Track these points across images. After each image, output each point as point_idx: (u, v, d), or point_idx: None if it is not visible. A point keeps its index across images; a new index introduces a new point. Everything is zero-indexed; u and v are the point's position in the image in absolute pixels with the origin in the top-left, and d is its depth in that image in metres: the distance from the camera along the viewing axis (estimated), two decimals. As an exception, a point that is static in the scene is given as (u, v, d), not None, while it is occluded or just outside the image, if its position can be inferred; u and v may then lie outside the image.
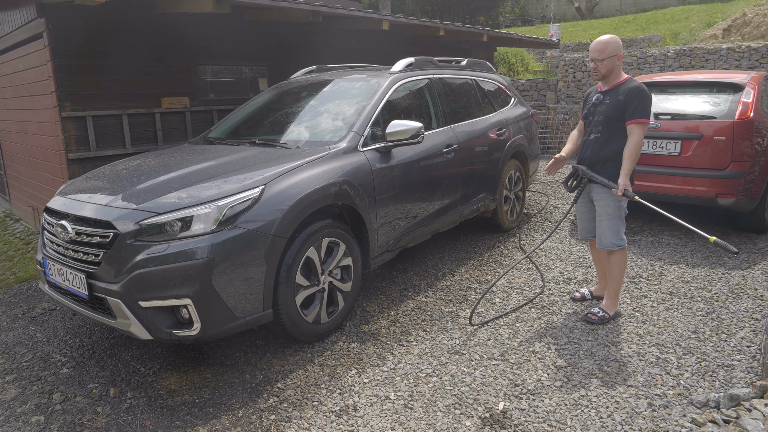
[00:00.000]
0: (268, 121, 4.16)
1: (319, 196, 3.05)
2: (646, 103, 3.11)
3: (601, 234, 3.37)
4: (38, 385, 2.96)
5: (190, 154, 3.55)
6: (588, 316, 3.41)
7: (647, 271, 4.24)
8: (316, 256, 3.10)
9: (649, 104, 3.13)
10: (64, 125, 4.88)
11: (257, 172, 2.96)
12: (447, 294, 3.91)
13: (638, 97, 3.11)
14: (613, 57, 3.20)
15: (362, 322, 3.49)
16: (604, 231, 3.34)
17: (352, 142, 3.46)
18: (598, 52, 3.21)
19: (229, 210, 2.69)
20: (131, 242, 2.62)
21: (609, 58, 3.20)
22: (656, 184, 5.03)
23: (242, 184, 2.82)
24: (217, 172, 3.01)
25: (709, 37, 12.00)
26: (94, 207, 2.84)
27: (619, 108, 3.18)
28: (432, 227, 4.21)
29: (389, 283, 4.16)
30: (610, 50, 3.19)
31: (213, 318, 2.66)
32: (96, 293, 2.72)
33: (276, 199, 2.85)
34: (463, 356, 3.02)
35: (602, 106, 3.28)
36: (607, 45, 3.19)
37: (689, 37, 12.82)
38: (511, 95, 5.78)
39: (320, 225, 3.11)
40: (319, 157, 3.23)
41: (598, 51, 3.21)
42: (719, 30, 12.09)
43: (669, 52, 9.64)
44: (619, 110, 3.18)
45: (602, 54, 3.20)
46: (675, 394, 2.62)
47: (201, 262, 2.58)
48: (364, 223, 3.42)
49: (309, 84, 4.42)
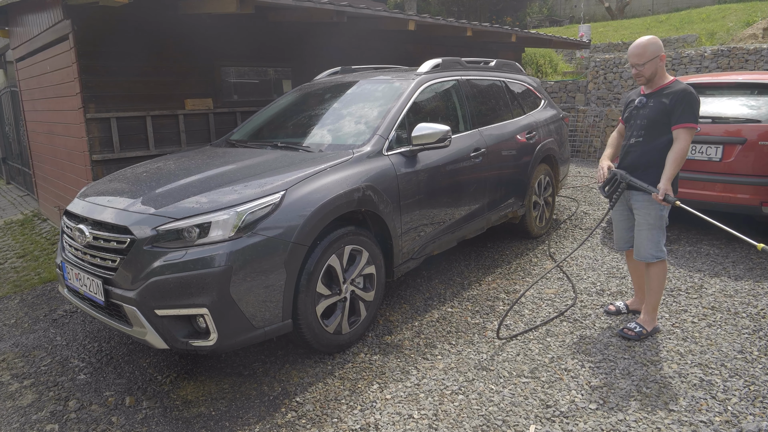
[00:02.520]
0: (290, 124, 4.07)
1: (342, 202, 2.93)
2: (694, 107, 2.92)
3: (640, 245, 3.16)
4: (55, 391, 2.91)
5: (211, 157, 3.48)
6: (624, 332, 3.21)
7: (686, 284, 4.01)
8: (338, 264, 2.98)
9: (697, 108, 2.93)
10: (89, 126, 4.88)
11: (278, 176, 2.86)
12: (473, 304, 3.75)
13: (686, 100, 2.91)
14: (654, 59, 2.99)
15: (385, 332, 3.36)
16: (644, 242, 3.13)
17: (376, 146, 3.34)
18: (637, 57, 3.00)
19: (248, 216, 2.59)
20: (148, 248, 2.54)
21: (650, 61, 2.99)
22: (695, 191, 4.78)
23: (262, 189, 2.72)
24: (237, 177, 2.92)
25: (747, 37, 11.52)
26: (112, 211, 2.78)
27: (664, 111, 2.98)
28: (458, 234, 4.06)
29: (413, 291, 4.02)
30: (651, 52, 2.98)
31: (230, 328, 2.56)
32: (112, 300, 2.65)
33: (297, 205, 2.75)
34: (491, 372, 2.86)
35: (645, 109, 3.08)
36: (646, 48, 2.98)
37: (726, 37, 12.34)
38: (541, 97, 5.59)
39: (342, 232, 2.99)
40: (342, 161, 3.12)
41: (637, 55, 3.00)
42: (759, 29, 11.60)
43: (706, 52, 9.27)
44: (664, 114, 2.98)
45: (642, 58, 2.99)
46: (722, 421, 2.42)
47: (219, 270, 2.48)
48: (388, 230, 3.30)
49: (333, 86, 4.32)
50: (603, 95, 10.57)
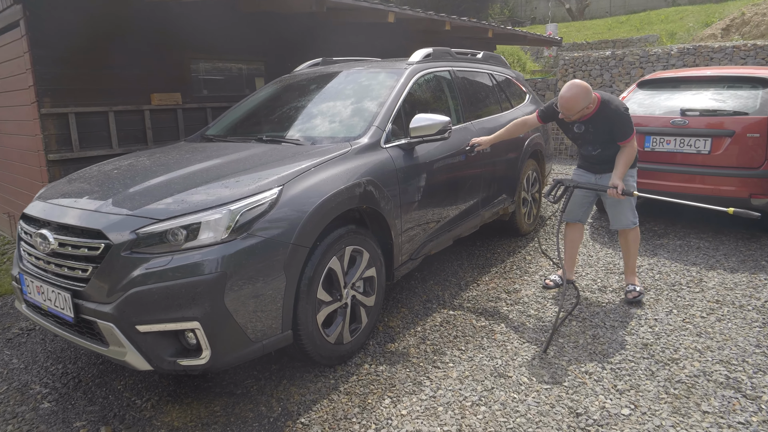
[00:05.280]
0: (274, 117, 3.76)
1: (344, 198, 2.66)
2: (628, 122, 3.20)
3: (620, 214, 3.46)
4: (14, 424, 2.51)
5: (190, 153, 3.14)
6: (629, 297, 3.47)
7: (685, 278, 3.93)
8: (339, 267, 2.71)
9: (630, 120, 3.21)
10: (44, 123, 4.41)
11: (272, 170, 2.56)
12: (475, 305, 3.54)
13: (620, 120, 3.19)
14: (584, 109, 3.20)
15: (387, 340, 3.10)
16: (624, 210, 3.42)
17: (374, 138, 3.08)
18: (568, 110, 3.19)
19: (243, 215, 2.29)
20: (126, 255, 2.20)
21: (580, 111, 3.20)
22: (684, 184, 4.74)
23: (257, 185, 2.42)
24: (225, 172, 2.60)
25: (707, 37, 11.87)
26: (81, 213, 2.41)
27: (606, 131, 3.26)
28: (454, 232, 3.84)
29: (409, 294, 3.77)
30: (582, 105, 3.16)
31: (225, 343, 2.25)
32: (84, 315, 2.29)
33: (296, 201, 2.46)
34: (510, 380, 2.64)
35: (588, 134, 3.37)
36: (576, 103, 3.14)
37: (687, 37, 12.68)
38: (526, 91, 5.46)
39: (343, 231, 2.72)
40: (340, 154, 2.84)
41: (568, 109, 3.18)
42: (718, 29, 11.98)
43: (672, 50, 9.44)
44: (607, 133, 3.27)
45: (573, 111, 3.19)
46: (760, 421, 2.29)
47: (211, 277, 2.17)
48: (389, 228, 3.04)
49: (318, 76, 4.03)
50: (573, 93, 10.64)
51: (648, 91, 5.39)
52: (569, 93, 3.14)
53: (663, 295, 3.63)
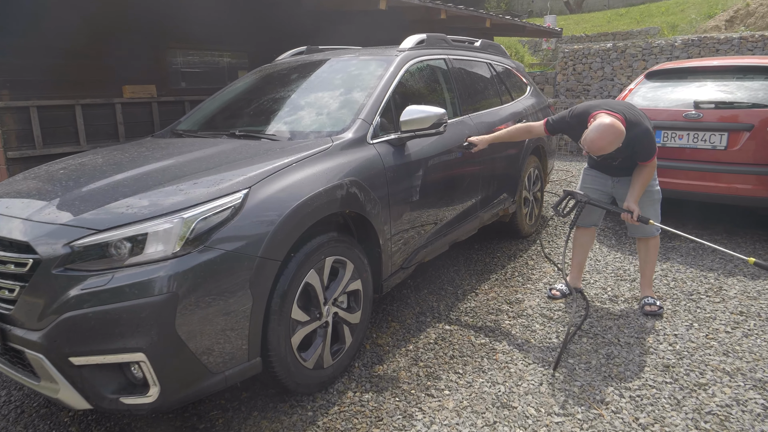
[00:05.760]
0: (251, 110, 3.39)
1: (323, 201, 2.30)
2: (652, 144, 2.97)
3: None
4: (-64, 468, 2.16)
5: (151, 150, 2.77)
6: (646, 310, 3.17)
7: (703, 285, 3.59)
8: (318, 281, 2.35)
9: (654, 141, 2.98)
10: (2, 117, 4.04)
11: (238, 171, 2.20)
12: (474, 319, 3.19)
13: (646, 142, 2.94)
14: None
15: (375, 361, 2.75)
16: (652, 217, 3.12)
17: (359, 133, 2.72)
18: (600, 150, 2.84)
19: (199, 224, 1.93)
20: (59, 272, 1.84)
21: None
22: (699, 183, 4.40)
23: (218, 188, 2.06)
24: (183, 172, 2.24)
25: (711, 29, 11.52)
26: (9, 221, 2.05)
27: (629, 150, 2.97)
28: (451, 237, 3.49)
29: (401, 305, 3.42)
30: (613, 149, 2.83)
31: (178, 377, 1.89)
32: (10, 343, 1.93)
33: (265, 207, 2.10)
34: (515, 411, 2.30)
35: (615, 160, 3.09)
36: (608, 147, 2.80)
37: (689, 29, 12.34)
38: (527, 83, 5.11)
39: (322, 240, 2.36)
40: (319, 151, 2.48)
41: (595, 152, 2.86)
42: (721, 21, 11.64)
43: (676, 42, 9.09)
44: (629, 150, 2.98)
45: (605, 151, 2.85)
46: (808, 464, 1.95)
47: (159, 299, 1.81)
48: (377, 235, 2.69)
49: (300, 65, 3.66)
50: (572, 87, 10.29)
51: (656, 82, 5.04)
52: (601, 140, 2.75)
53: (681, 305, 3.29)
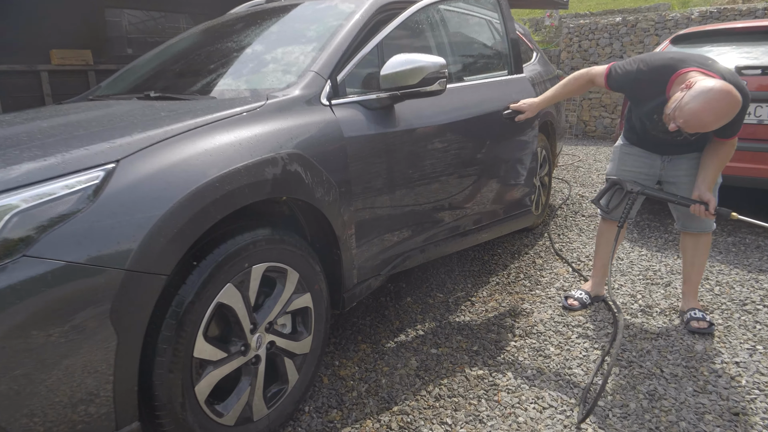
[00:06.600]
0: (178, 68, 2.63)
1: (242, 183, 1.55)
2: (743, 116, 2.16)
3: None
4: None
5: (21, 117, 2.02)
6: (693, 327, 2.43)
7: (756, 292, 2.86)
8: (239, 300, 1.61)
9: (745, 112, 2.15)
10: None
11: (105, 139, 1.44)
12: (468, 339, 2.46)
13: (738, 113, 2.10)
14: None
15: (332, 403, 2.01)
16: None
17: (308, 89, 1.96)
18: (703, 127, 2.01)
19: (20, 218, 1.18)
20: None
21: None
22: (744, 165, 3.65)
23: (61, 161, 1.30)
24: (21, 141, 1.49)
25: (727, 2, 10.72)
26: None
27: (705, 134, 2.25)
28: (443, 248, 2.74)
29: (375, 318, 2.69)
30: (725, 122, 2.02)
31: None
32: None
33: (142, 191, 1.35)
34: (526, 491, 1.57)
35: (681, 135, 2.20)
36: (720, 119, 1.98)
37: (703, 3, 11.52)
38: (533, 48, 4.35)
39: (245, 240, 1.61)
40: (242, 111, 1.73)
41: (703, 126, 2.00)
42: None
43: (693, 14, 8.30)
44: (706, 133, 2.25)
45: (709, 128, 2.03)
46: None
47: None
48: (333, 231, 1.94)
49: (249, 15, 2.90)
50: (577, 65, 9.51)
51: (684, 47, 4.29)
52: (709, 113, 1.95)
53: (734, 320, 2.57)
